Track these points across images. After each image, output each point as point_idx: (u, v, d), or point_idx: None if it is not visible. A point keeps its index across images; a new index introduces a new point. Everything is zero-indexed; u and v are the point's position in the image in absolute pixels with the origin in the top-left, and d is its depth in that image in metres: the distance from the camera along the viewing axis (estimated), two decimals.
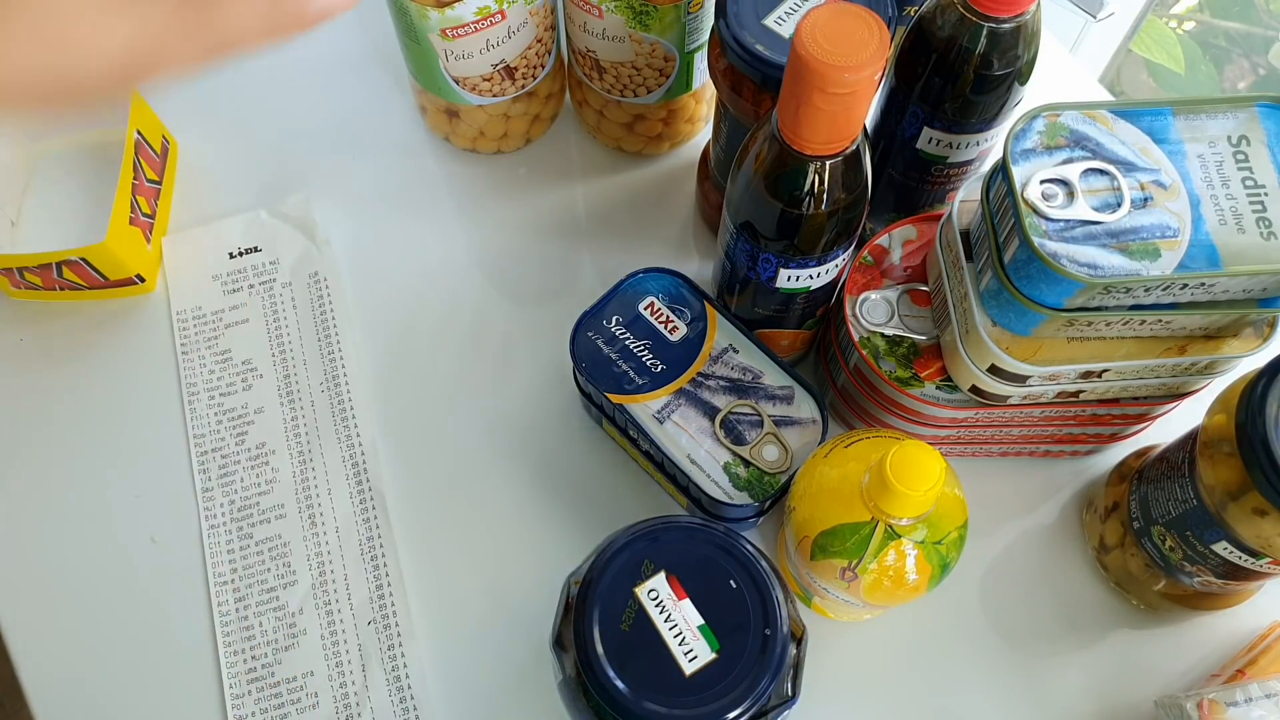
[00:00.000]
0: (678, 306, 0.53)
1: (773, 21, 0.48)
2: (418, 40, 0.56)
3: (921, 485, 0.40)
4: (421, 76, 0.60)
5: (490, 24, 0.54)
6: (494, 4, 0.53)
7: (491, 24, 0.54)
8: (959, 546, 0.45)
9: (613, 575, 0.42)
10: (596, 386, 0.51)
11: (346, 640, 0.54)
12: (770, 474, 0.50)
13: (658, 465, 0.53)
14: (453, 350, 0.62)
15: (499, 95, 0.61)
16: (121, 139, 0.61)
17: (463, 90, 0.59)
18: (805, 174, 0.43)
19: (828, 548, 0.44)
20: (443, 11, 0.52)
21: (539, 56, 0.59)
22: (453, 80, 0.58)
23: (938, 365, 0.51)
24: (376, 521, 0.57)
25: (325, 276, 0.64)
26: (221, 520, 0.57)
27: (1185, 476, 0.46)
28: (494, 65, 0.57)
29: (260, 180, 0.67)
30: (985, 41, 0.47)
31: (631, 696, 0.40)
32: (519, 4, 0.55)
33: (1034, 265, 0.42)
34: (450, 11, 0.52)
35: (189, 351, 0.62)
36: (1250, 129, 0.43)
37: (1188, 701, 0.47)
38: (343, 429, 0.59)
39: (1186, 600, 0.52)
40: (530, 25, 0.57)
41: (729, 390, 0.51)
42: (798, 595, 0.53)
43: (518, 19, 0.55)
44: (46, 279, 0.60)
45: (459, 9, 0.52)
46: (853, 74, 0.37)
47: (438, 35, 0.54)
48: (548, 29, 0.59)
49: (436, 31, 0.54)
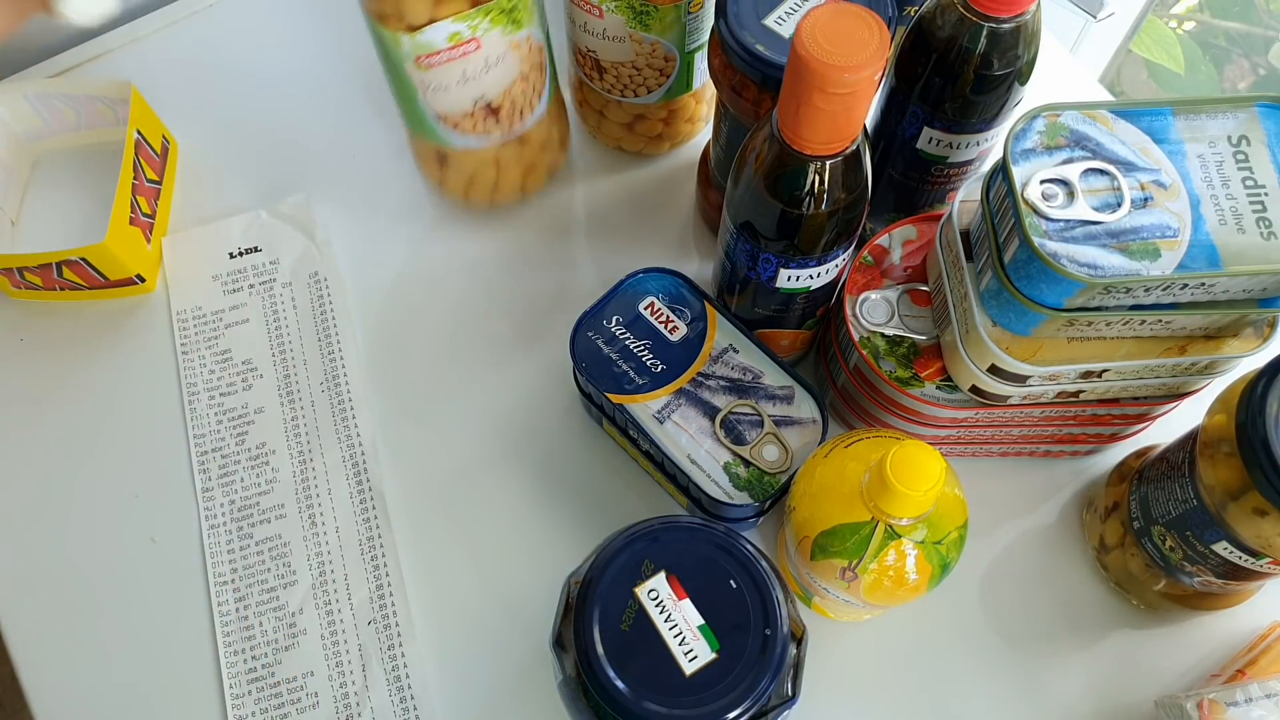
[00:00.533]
0: (678, 306, 0.53)
1: (773, 21, 0.48)
2: (397, 73, 0.54)
3: (922, 485, 0.40)
4: (408, 114, 0.58)
5: (464, 53, 0.52)
6: (466, 30, 0.51)
7: (465, 53, 0.52)
8: (959, 546, 0.45)
9: (613, 575, 0.42)
10: (596, 386, 0.51)
11: (347, 640, 0.54)
12: (770, 474, 0.50)
13: (658, 465, 0.53)
14: (452, 350, 0.62)
15: (484, 135, 0.58)
16: (121, 139, 0.61)
17: (445, 128, 0.57)
18: (805, 174, 0.43)
19: (828, 548, 0.44)
20: (414, 36, 0.50)
21: (525, 97, 0.57)
22: (435, 117, 0.56)
23: (938, 365, 0.51)
24: (376, 521, 0.57)
25: (325, 276, 0.64)
26: (222, 520, 0.57)
27: (1185, 476, 0.46)
28: (474, 100, 0.55)
29: (260, 180, 0.67)
30: (985, 41, 0.47)
31: (631, 696, 0.40)
32: (495, 32, 0.52)
33: (1034, 265, 0.42)
34: (421, 37, 0.50)
35: (189, 351, 0.62)
36: (1250, 129, 0.43)
37: (1188, 701, 0.47)
38: (343, 429, 0.59)
39: (1186, 600, 0.52)
40: (511, 60, 0.54)
41: (729, 390, 0.51)
42: (798, 595, 0.53)
43: (495, 50, 0.53)
44: (46, 279, 0.60)
45: (429, 33, 0.50)
46: (853, 74, 0.37)
47: (413, 65, 0.52)
48: (535, 68, 0.56)
49: (411, 60, 0.52)
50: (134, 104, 0.62)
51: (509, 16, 0.51)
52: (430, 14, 0.50)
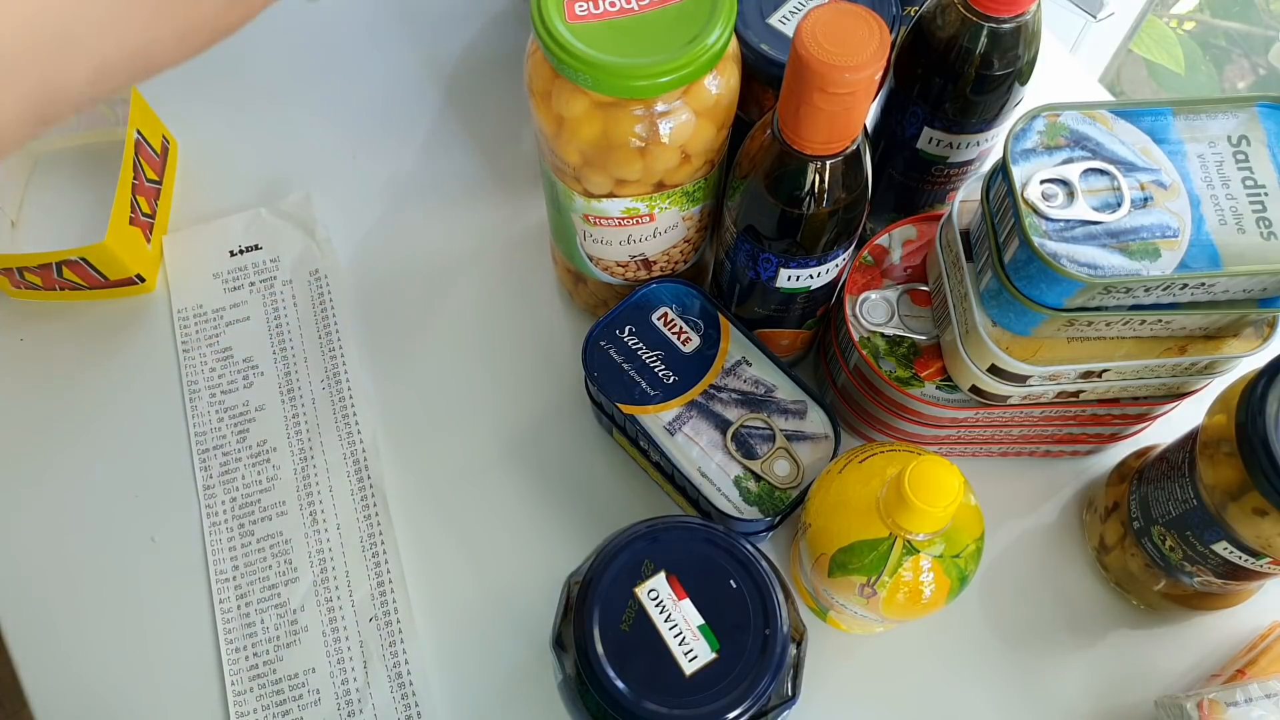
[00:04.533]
0: (691, 317, 0.53)
1: (777, 20, 0.48)
2: (560, 211, 0.52)
3: (941, 501, 0.39)
4: (559, 237, 0.55)
5: (636, 223, 0.50)
6: (644, 207, 0.48)
7: (638, 223, 0.50)
8: (976, 559, 0.44)
9: (613, 575, 0.42)
10: (608, 397, 0.51)
11: (348, 637, 0.54)
12: (781, 489, 0.49)
13: (668, 477, 0.53)
14: (454, 349, 0.62)
15: (631, 280, 0.56)
16: (121, 139, 0.61)
17: (595, 268, 0.54)
18: (805, 174, 0.43)
19: (846, 565, 0.44)
20: (589, 201, 0.49)
21: (683, 254, 0.54)
22: (587, 256, 0.54)
23: (938, 365, 0.51)
24: (378, 519, 0.57)
25: (326, 274, 0.64)
26: (223, 517, 0.57)
27: (1185, 476, 0.46)
28: (632, 256, 0.53)
29: (260, 178, 0.67)
30: (985, 41, 0.47)
31: (631, 696, 0.40)
32: (671, 211, 0.50)
33: (1034, 265, 0.42)
34: (596, 204, 0.48)
35: (190, 349, 0.62)
36: (1250, 129, 0.43)
37: (1188, 701, 0.47)
38: (344, 426, 0.59)
39: (1186, 600, 0.52)
40: (680, 228, 0.52)
41: (741, 403, 0.51)
42: (813, 610, 0.53)
43: (668, 222, 0.50)
44: (46, 279, 0.60)
45: (606, 204, 0.48)
46: (853, 74, 0.37)
47: (581, 217, 0.50)
48: (699, 229, 0.53)
49: (580, 214, 0.50)
50: (134, 104, 0.62)
51: (689, 197, 0.49)
52: (610, 190, 0.48)
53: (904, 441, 0.54)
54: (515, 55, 0.53)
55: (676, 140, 0.45)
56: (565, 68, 0.42)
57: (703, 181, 0.49)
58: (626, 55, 0.42)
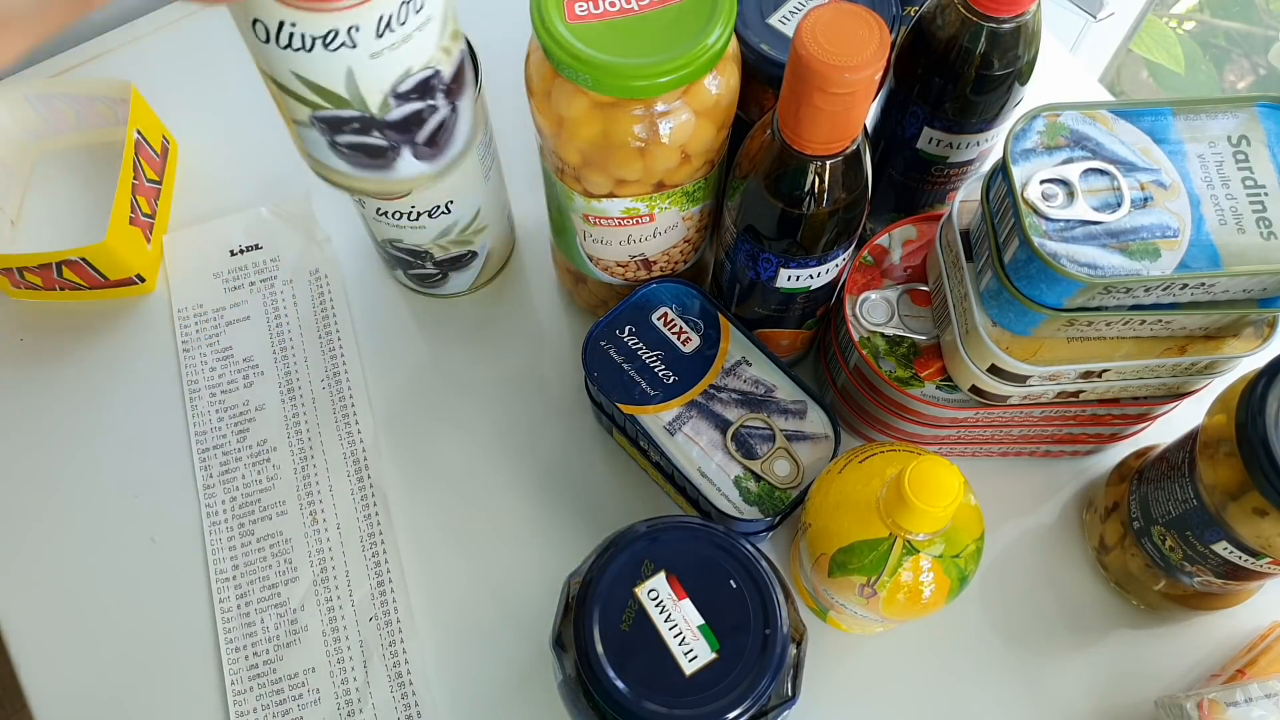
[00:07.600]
0: (691, 317, 0.53)
1: (777, 20, 0.48)
2: (560, 211, 0.52)
3: (941, 501, 0.39)
4: (559, 237, 0.56)
5: (636, 223, 0.50)
6: (644, 207, 0.49)
7: (638, 223, 0.50)
8: (976, 559, 0.44)
9: (613, 575, 0.42)
10: (608, 397, 0.51)
11: (348, 636, 0.54)
12: (781, 489, 0.49)
13: (668, 477, 0.53)
14: (454, 348, 0.62)
15: (630, 280, 0.56)
16: (121, 139, 0.61)
17: (595, 268, 0.55)
18: (805, 174, 0.43)
19: (846, 565, 0.44)
20: (589, 200, 0.49)
21: (683, 254, 0.55)
22: (587, 256, 0.54)
23: (938, 365, 0.51)
24: (378, 518, 0.57)
25: (326, 273, 0.64)
26: (223, 517, 0.57)
27: (1185, 476, 0.46)
28: (632, 256, 0.53)
29: (260, 178, 0.67)
30: (985, 41, 0.47)
31: (631, 696, 0.40)
32: (671, 210, 0.50)
33: (1034, 265, 0.42)
34: (596, 203, 0.49)
35: (190, 349, 0.62)
36: (1250, 129, 0.43)
37: (1188, 701, 0.47)
38: (344, 426, 0.59)
39: (1186, 600, 0.52)
40: (681, 228, 0.52)
41: (741, 403, 0.51)
42: (813, 610, 0.53)
43: (667, 222, 0.51)
44: (46, 279, 0.60)
45: (606, 203, 0.48)
46: (853, 74, 0.37)
47: (581, 217, 0.50)
48: (699, 229, 0.53)
49: (580, 214, 0.50)
50: (134, 104, 0.62)
51: (689, 197, 0.49)
52: (610, 190, 0.48)
53: (904, 441, 0.54)
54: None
55: (676, 140, 0.45)
56: (565, 68, 0.42)
57: (703, 181, 0.49)
58: (626, 55, 0.42)
